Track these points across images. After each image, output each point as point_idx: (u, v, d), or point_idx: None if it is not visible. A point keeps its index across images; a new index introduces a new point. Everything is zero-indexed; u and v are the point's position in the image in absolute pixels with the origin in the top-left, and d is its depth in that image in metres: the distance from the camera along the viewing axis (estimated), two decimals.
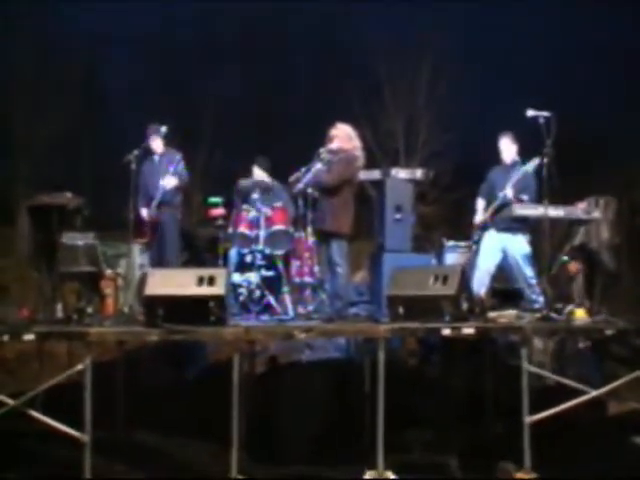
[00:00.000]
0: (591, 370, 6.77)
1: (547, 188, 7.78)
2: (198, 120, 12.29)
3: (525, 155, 8.25)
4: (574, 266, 8.01)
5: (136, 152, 8.18)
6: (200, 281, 7.06)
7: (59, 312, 7.12)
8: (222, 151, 12.85)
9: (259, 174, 9.20)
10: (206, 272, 7.17)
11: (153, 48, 12.29)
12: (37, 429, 6.19)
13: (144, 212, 8.38)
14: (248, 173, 9.25)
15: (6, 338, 6.42)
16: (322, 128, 8.29)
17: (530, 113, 7.63)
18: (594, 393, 6.21)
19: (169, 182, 8.48)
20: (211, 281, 7.07)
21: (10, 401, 6.09)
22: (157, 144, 8.66)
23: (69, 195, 8.28)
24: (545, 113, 7.57)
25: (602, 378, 6.61)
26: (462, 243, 8.87)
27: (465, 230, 8.81)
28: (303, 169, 8.31)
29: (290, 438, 6.71)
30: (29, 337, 6.43)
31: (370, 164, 8.97)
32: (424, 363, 7.56)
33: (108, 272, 7.86)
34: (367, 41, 13.63)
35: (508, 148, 8.42)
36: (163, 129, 8.61)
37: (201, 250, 8.84)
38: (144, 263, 8.19)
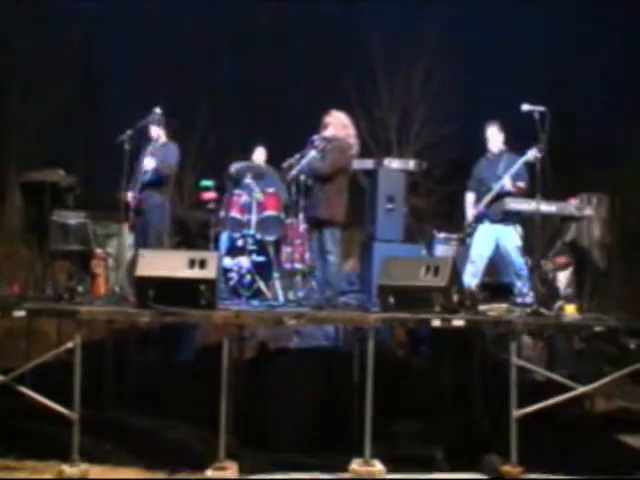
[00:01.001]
0: (580, 367, 6.80)
1: (540, 183, 7.84)
2: (193, 104, 12.20)
3: (517, 149, 8.30)
4: (561, 259, 8.04)
5: (129, 132, 8.12)
6: (192, 264, 7.04)
7: (49, 290, 7.08)
8: (215, 135, 12.80)
9: (258, 158, 9.18)
10: (198, 255, 7.15)
11: (152, 31, 12.21)
12: (25, 406, 6.16)
13: (129, 195, 8.33)
14: (241, 157, 9.22)
15: None
16: (318, 116, 8.28)
17: (525, 107, 7.64)
18: (581, 389, 6.25)
19: (148, 163, 8.42)
20: (202, 264, 7.06)
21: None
22: (156, 132, 8.61)
23: (62, 172, 8.23)
24: (540, 108, 7.58)
25: (590, 375, 6.64)
26: (453, 235, 8.89)
27: (456, 223, 8.82)
28: (297, 156, 8.30)
29: (278, 424, 6.72)
30: (20, 314, 6.41)
31: (364, 154, 8.98)
32: (413, 354, 7.57)
33: (99, 251, 7.82)
34: (363, 33, 13.60)
35: (495, 137, 8.43)
36: (157, 112, 8.54)
37: (192, 234, 8.80)
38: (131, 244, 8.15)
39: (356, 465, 6.12)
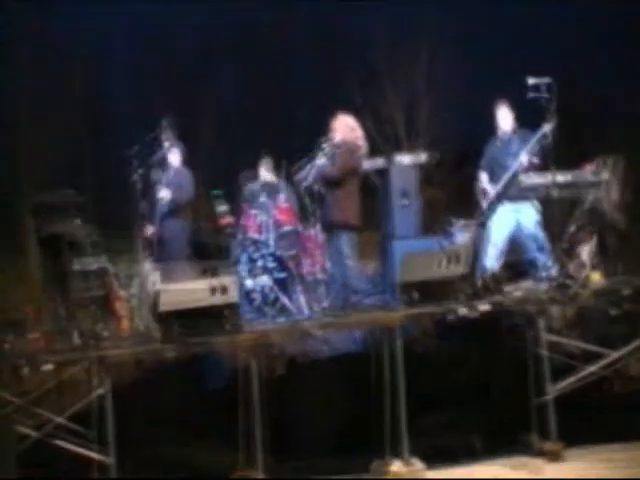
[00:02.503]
0: (612, 332, 6.67)
1: (553, 154, 7.76)
2: (198, 118, 12.16)
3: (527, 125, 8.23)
4: (586, 234, 7.92)
5: (140, 170, 8.23)
6: (213, 291, 7.11)
7: (75, 338, 7.17)
8: (223, 148, 12.69)
9: (265, 175, 9.22)
10: (218, 281, 7.21)
11: (154, 46, 12.20)
12: (62, 456, 6.25)
13: (148, 229, 8.43)
14: (249, 168, 9.25)
15: (26, 370, 6.50)
16: (323, 118, 8.29)
17: (531, 81, 7.61)
18: (615, 355, 6.15)
19: (163, 195, 8.52)
20: (224, 290, 7.11)
21: (33, 433, 6.16)
22: (172, 157, 8.69)
23: (78, 221, 8.34)
24: (546, 79, 7.55)
25: (624, 339, 6.51)
26: (472, 221, 8.78)
27: (474, 208, 8.73)
28: (308, 166, 8.34)
29: (313, 437, 6.70)
30: (48, 367, 6.50)
31: (374, 153, 8.95)
32: (442, 345, 7.49)
33: (121, 293, 7.90)
34: (365, 27, 13.51)
35: (506, 117, 8.38)
36: (164, 124, 8.60)
37: (212, 260, 8.83)
38: (157, 280, 8.22)
39: (396, 467, 6.08)
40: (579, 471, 5.85)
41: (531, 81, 7.60)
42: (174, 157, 8.74)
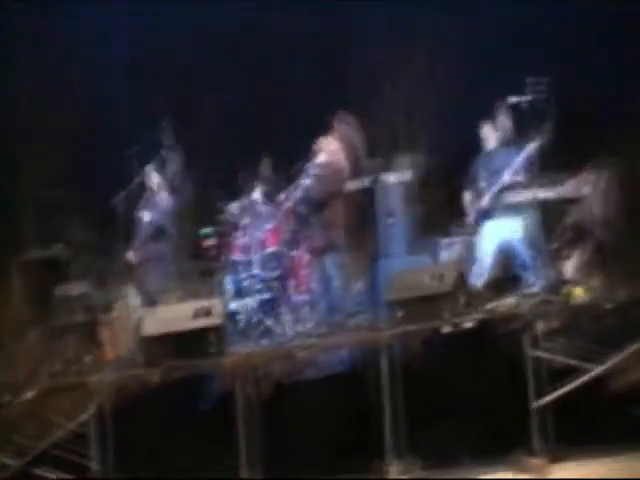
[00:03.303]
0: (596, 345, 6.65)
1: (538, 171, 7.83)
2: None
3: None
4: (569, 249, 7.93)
5: (123, 194, 8.27)
6: (196, 314, 7.08)
7: (58, 365, 7.13)
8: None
9: (255, 195, 9.21)
10: (202, 304, 7.19)
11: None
12: None
13: (129, 254, 8.41)
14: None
15: (7, 398, 6.44)
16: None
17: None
18: (597, 370, 6.15)
19: (143, 216, 8.52)
20: (207, 313, 7.10)
21: (13, 462, 6.09)
22: (151, 180, 8.70)
23: (59, 246, 8.33)
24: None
25: (608, 352, 6.49)
26: (457, 238, 8.78)
27: (459, 225, 8.73)
28: (292, 187, 8.36)
29: (299, 459, 6.66)
30: (30, 394, 6.45)
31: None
32: (430, 362, 7.46)
33: (104, 318, 7.86)
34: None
35: (490, 135, 8.39)
36: (153, 165, 8.66)
37: (195, 283, 8.80)
38: (139, 304, 8.20)
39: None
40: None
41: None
42: (155, 180, 8.73)
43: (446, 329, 6.83)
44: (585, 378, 6.20)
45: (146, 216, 8.58)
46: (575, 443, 5.99)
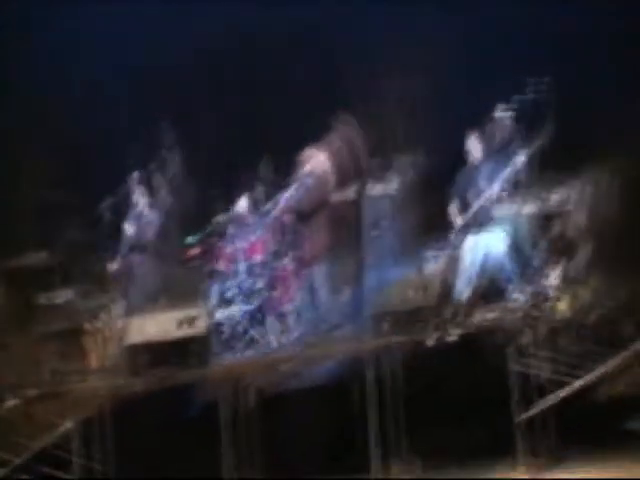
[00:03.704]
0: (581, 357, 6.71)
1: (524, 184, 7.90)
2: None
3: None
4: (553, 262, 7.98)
5: (109, 201, 8.27)
6: (181, 323, 7.07)
7: (42, 373, 7.10)
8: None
9: (239, 206, 9.21)
10: (186, 313, 7.18)
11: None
12: None
13: (114, 263, 8.42)
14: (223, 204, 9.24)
15: None
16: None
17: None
18: (582, 382, 6.20)
19: (127, 229, 8.52)
20: (192, 322, 7.09)
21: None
22: (134, 191, 8.72)
23: (44, 254, 8.30)
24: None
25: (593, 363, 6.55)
26: (442, 251, 8.81)
27: (444, 238, 8.77)
28: (278, 197, 8.37)
29: (286, 471, 6.66)
30: (12, 402, 6.42)
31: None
32: (414, 375, 7.48)
33: (89, 326, 7.83)
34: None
35: (475, 148, 8.44)
36: (135, 177, 8.69)
37: (180, 292, 8.78)
38: (123, 313, 8.18)
39: None
40: None
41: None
42: (140, 195, 8.75)
43: (431, 342, 6.83)
44: (569, 391, 6.24)
45: (130, 227, 8.58)
46: (560, 457, 6.03)
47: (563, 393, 6.34)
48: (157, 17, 10.98)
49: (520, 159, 8.01)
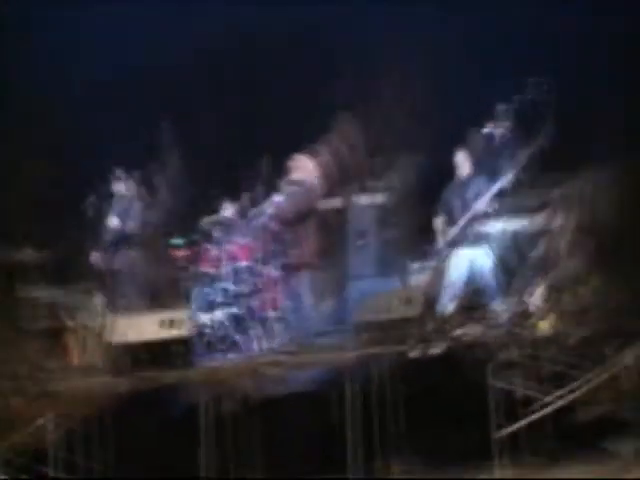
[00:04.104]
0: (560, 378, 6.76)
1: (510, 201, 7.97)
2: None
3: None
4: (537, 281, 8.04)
5: (93, 198, 8.28)
6: (163, 324, 7.07)
7: (24, 369, 7.07)
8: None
9: (227, 210, 9.22)
10: (169, 315, 7.19)
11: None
12: None
13: (97, 257, 8.41)
14: (211, 207, 9.25)
15: None
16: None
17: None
18: (561, 402, 6.25)
19: (111, 222, 8.50)
20: (175, 324, 7.10)
21: None
22: (119, 187, 8.71)
23: (30, 251, 8.29)
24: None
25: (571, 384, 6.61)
26: (427, 264, 8.86)
27: (429, 251, 8.81)
28: (265, 202, 8.38)
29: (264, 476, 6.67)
30: None
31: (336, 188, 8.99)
32: (397, 385, 7.52)
33: (72, 324, 7.81)
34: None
35: (463, 163, 8.48)
36: (122, 174, 8.70)
37: (164, 292, 8.78)
38: (106, 312, 8.17)
39: None
40: None
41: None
42: (123, 186, 8.73)
43: (412, 354, 6.87)
44: (546, 410, 6.29)
45: (115, 222, 8.57)
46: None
47: (543, 410, 6.37)
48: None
49: (508, 176, 8.08)
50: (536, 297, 7.73)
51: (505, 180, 8.06)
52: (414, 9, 10.55)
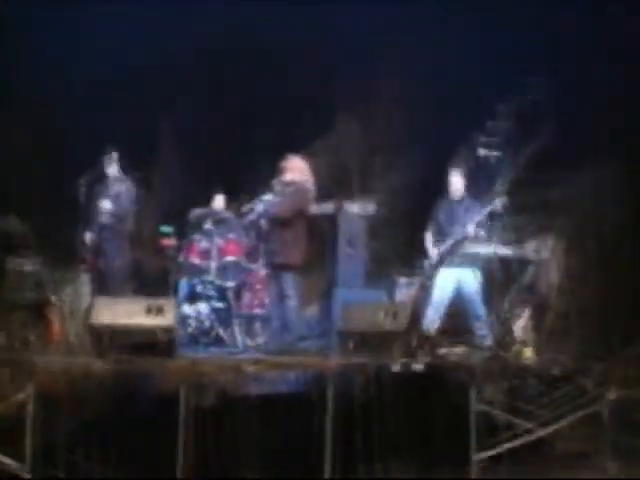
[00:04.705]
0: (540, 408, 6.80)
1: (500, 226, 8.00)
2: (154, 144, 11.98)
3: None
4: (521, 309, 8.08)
5: (84, 178, 8.21)
6: (148, 311, 7.00)
7: (2, 339, 6.98)
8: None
9: (218, 204, 9.16)
10: (155, 302, 7.11)
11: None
12: None
13: (86, 237, 8.32)
14: (203, 201, 9.20)
15: None
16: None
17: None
18: (541, 432, 6.28)
19: (104, 205, 8.42)
20: (160, 311, 7.02)
21: None
22: (112, 170, 8.63)
23: (15, 220, 8.19)
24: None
25: (550, 416, 6.64)
26: (414, 279, 8.88)
27: (418, 267, 8.82)
28: (256, 200, 8.34)
29: (240, 472, 6.62)
30: None
31: (324, 196, 8.99)
32: (374, 399, 7.51)
33: (54, 299, 7.72)
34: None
35: (457, 182, 8.50)
36: (114, 155, 8.62)
37: (151, 280, 8.72)
38: (90, 291, 8.09)
39: None
40: None
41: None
42: (113, 168, 8.66)
43: (395, 368, 6.86)
44: (526, 438, 6.32)
45: (106, 204, 8.49)
46: None
47: (519, 439, 6.40)
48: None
49: (501, 200, 8.11)
50: (522, 324, 7.78)
51: (497, 203, 8.10)
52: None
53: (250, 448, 6.60)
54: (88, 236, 8.39)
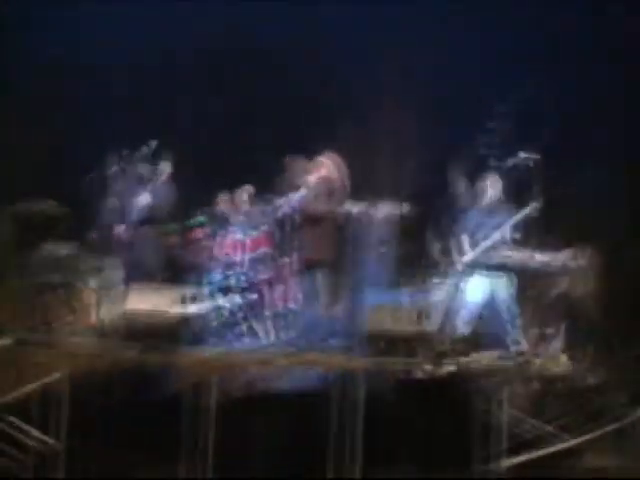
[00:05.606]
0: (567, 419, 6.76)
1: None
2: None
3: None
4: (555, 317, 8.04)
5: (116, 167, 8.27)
6: (182, 300, 7.07)
7: (38, 320, 7.05)
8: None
9: (244, 200, 9.20)
10: (189, 292, 7.18)
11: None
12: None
13: (121, 228, 8.38)
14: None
15: None
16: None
17: (522, 155, 7.79)
18: (571, 442, 6.25)
19: (143, 199, 8.48)
20: (193, 301, 7.08)
21: None
22: (153, 168, 8.72)
23: (53, 202, 8.27)
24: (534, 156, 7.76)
25: (576, 428, 6.61)
26: (446, 281, 8.83)
27: (447, 268, 8.79)
28: (290, 194, 8.37)
29: (262, 467, 6.66)
30: (6, 342, 6.38)
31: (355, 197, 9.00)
32: (400, 402, 7.52)
33: (90, 283, 7.79)
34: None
35: (494, 187, 8.47)
36: (151, 146, 8.69)
37: (183, 272, 8.75)
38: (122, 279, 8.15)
39: None
40: None
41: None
42: (164, 166, 8.74)
43: (426, 369, 6.86)
44: (546, 450, 6.27)
45: (147, 199, 8.56)
46: None
47: (535, 453, 6.37)
48: (157, 17, 10.96)
49: (534, 205, 8.07)
50: (550, 335, 7.73)
51: (531, 209, 8.06)
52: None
53: (275, 442, 6.62)
54: (122, 228, 8.46)
